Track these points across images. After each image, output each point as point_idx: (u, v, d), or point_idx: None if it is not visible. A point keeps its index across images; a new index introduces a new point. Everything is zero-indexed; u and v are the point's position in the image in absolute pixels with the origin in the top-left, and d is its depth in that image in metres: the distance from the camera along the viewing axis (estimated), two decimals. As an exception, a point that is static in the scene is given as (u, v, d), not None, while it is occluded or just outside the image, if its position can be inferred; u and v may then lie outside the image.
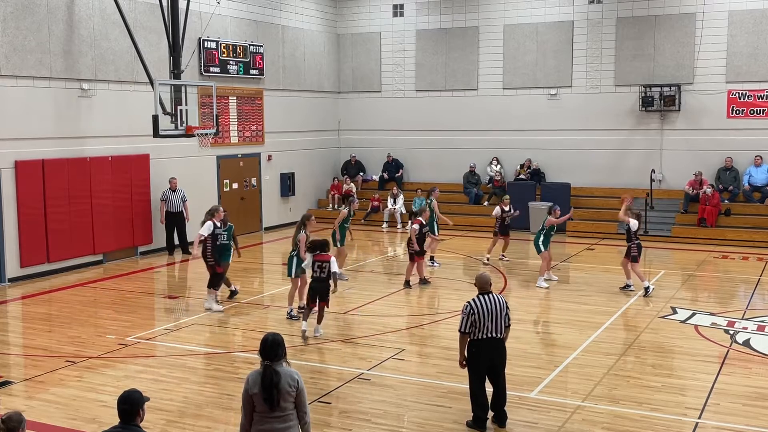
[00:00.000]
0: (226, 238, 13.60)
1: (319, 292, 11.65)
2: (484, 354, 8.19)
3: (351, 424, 8.49)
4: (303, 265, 12.46)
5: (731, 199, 21.27)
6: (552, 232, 15.46)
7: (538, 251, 15.42)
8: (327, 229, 15.57)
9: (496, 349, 8.26)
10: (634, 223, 14.51)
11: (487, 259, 17.64)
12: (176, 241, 19.09)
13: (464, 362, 8.33)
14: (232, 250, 13.88)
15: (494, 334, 8.19)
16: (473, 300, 8.24)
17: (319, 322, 11.81)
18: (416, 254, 14.99)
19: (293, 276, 12.81)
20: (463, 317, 8.19)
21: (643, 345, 11.38)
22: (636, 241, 14.53)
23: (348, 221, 15.95)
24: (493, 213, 18.07)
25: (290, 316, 12.76)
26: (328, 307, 11.92)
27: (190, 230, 18.87)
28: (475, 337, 8.17)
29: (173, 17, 17.22)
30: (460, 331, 8.24)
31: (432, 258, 17.25)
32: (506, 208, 17.76)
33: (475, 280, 8.59)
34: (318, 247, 11.78)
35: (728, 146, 21.43)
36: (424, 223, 15.25)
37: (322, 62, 25.31)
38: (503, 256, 17.92)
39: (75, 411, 8.92)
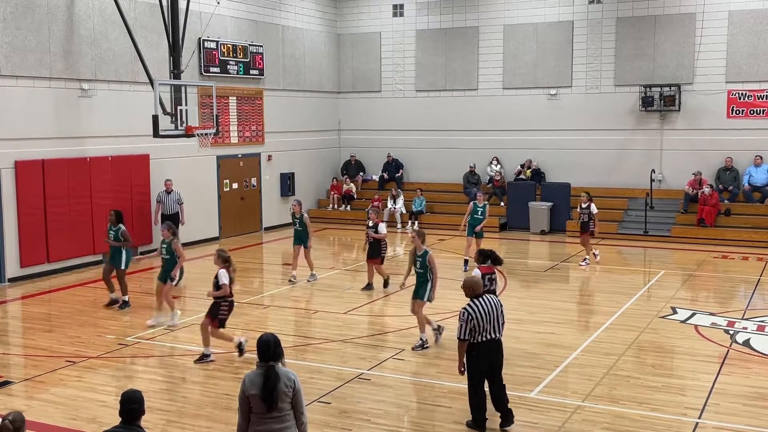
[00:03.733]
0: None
1: None
2: (483, 357, 8.08)
3: (351, 424, 8.48)
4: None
5: (731, 199, 21.25)
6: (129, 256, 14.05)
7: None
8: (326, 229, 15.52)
9: (496, 350, 8.17)
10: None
11: (594, 256, 17.49)
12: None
13: (463, 369, 8.15)
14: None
15: (493, 335, 8.10)
16: (469, 305, 7.98)
17: None
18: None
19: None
20: (461, 324, 7.92)
21: (643, 345, 11.37)
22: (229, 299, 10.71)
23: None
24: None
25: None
26: None
27: (184, 231, 18.65)
28: (475, 341, 7.99)
29: (173, 17, 17.21)
30: (459, 338, 7.99)
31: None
32: (584, 205, 17.32)
33: (464, 284, 8.25)
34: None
35: (728, 146, 21.42)
36: None
37: (322, 62, 25.30)
38: (596, 253, 17.54)
39: (75, 411, 8.91)
